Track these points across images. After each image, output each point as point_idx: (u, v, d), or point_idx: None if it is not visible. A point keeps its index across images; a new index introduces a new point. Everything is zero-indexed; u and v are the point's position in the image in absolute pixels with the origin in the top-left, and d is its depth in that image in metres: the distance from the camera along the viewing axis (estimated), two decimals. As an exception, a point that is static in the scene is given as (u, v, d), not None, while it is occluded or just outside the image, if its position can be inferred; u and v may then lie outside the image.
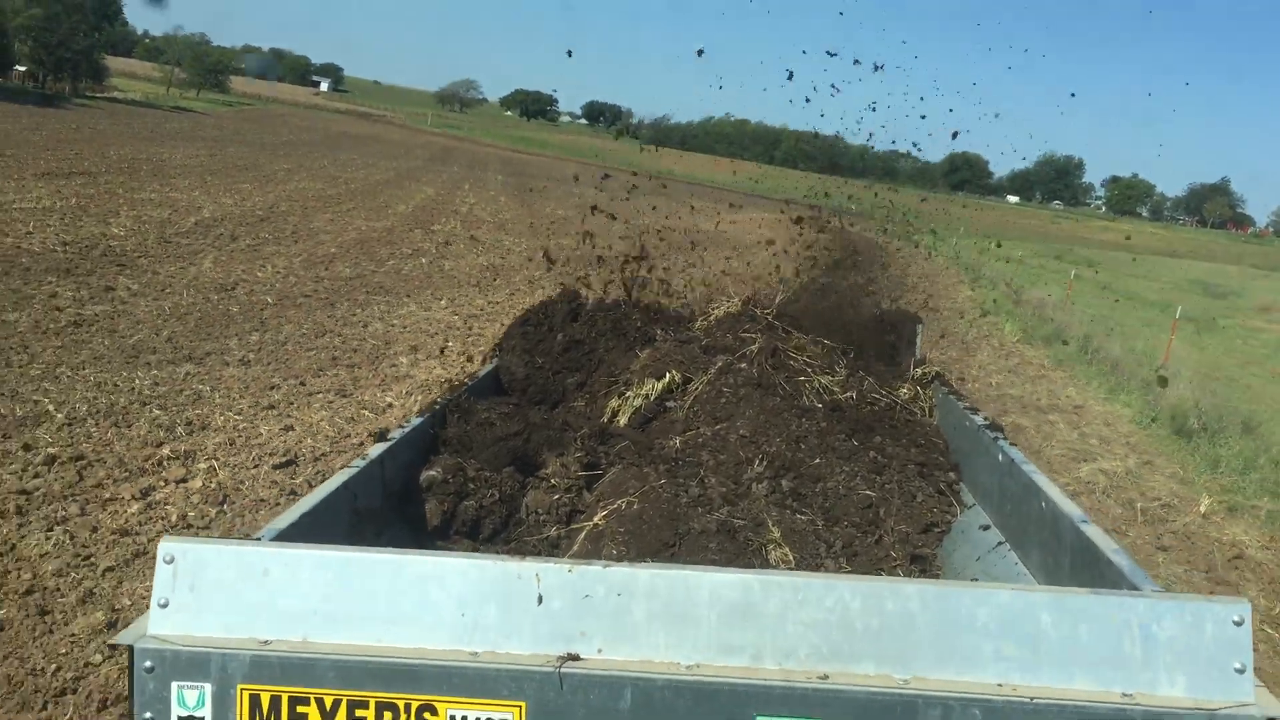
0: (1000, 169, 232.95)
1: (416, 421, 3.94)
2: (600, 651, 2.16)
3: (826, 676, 2.12)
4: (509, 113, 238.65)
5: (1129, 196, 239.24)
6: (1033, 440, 12.13)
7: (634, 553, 3.31)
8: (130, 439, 7.99)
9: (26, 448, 7.45)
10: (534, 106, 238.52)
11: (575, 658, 2.14)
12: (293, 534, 2.61)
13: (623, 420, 4.69)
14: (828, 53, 10.28)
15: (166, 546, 2.21)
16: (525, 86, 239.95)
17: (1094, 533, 2.99)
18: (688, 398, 4.67)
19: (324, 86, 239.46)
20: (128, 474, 7.35)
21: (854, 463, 4.24)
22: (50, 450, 7.46)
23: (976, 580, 3.63)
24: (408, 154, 65.43)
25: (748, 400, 4.51)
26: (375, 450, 3.49)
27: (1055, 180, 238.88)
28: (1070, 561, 3.11)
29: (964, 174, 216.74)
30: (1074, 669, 2.13)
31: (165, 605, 2.17)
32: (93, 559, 6.08)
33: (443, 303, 15.94)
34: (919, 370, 5.45)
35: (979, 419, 4.43)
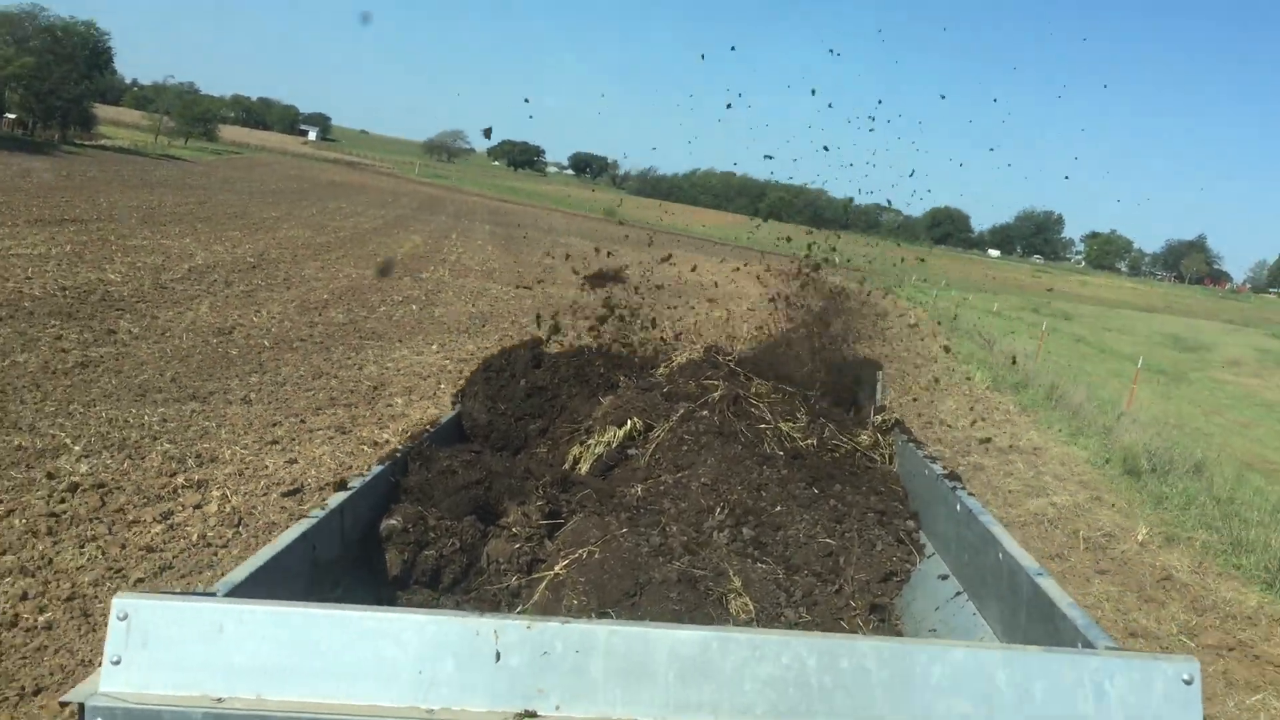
0: (981, 223, 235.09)
1: (377, 470, 3.90)
2: (558, 709, 2.16)
3: None
4: (496, 163, 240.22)
5: (1107, 252, 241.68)
6: (992, 478, 13.06)
7: (595, 603, 3.30)
8: (145, 469, 8.58)
9: (50, 476, 8.03)
10: (521, 157, 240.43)
11: (533, 715, 2.15)
12: (250, 586, 2.56)
13: (584, 468, 4.68)
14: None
15: (120, 603, 2.18)
16: (513, 138, 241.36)
17: (1049, 586, 3.01)
18: (649, 445, 4.66)
19: (312, 135, 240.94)
20: (147, 500, 7.93)
21: (814, 510, 4.24)
22: (73, 479, 8.05)
23: (935, 631, 3.68)
24: (395, 202, 65.94)
25: (709, 448, 4.51)
26: (335, 500, 3.44)
27: (1035, 235, 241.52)
28: (1026, 614, 3.12)
29: (946, 228, 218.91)
30: None
31: (118, 662, 2.15)
32: (124, 571, 6.68)
33: (434, 347, 16.41)
34: (879, 417, 5.45)
35: (937, 467, 4.43)
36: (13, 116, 77.62)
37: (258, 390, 11.74)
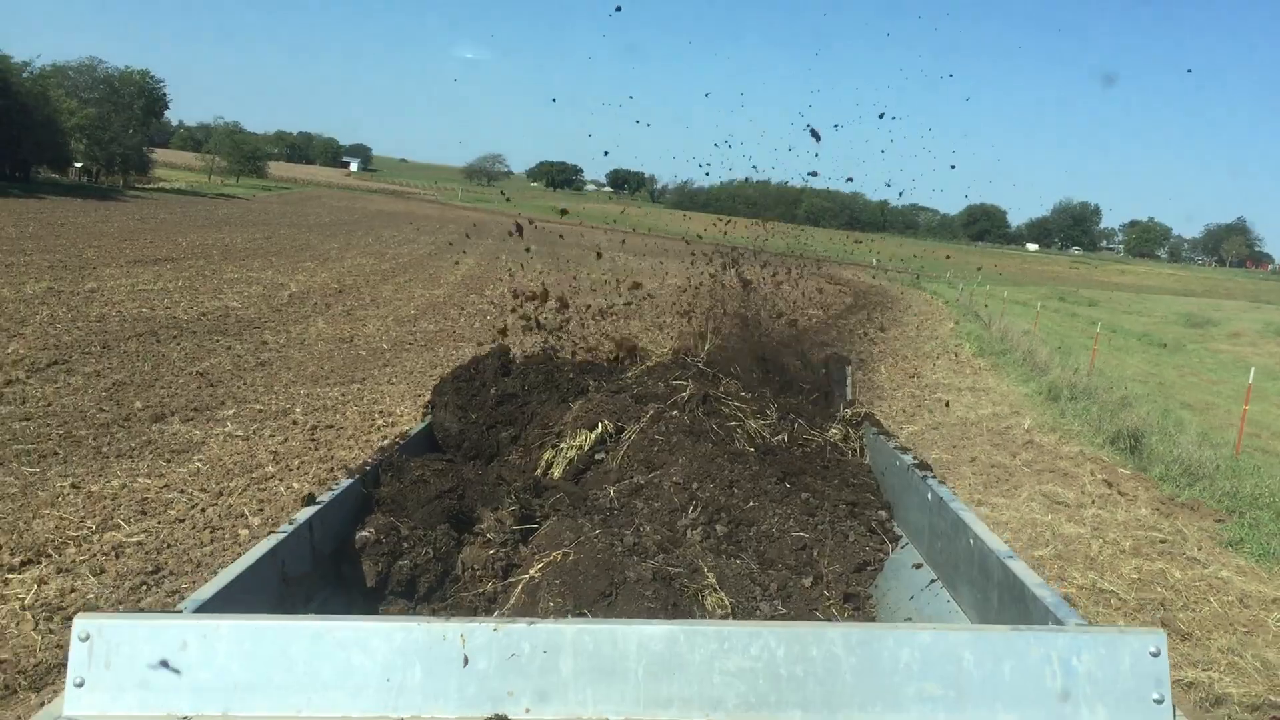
0: (1018, 217, 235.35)
1: (347, 483, 3.90)
2: (528, 711, 2.15)
3: None
4: (535, 184, 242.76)
5: (1147, 239, 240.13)
6: (945, 402, 17.58)
7: (570, 604, 3.27)
8: (349, 418, 12.14)
9: (294, 424, 11.33)
10: (560, 177, 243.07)
11: (502, 718, 2.13)
12: (216, 604, 2.54)
13: (557, 472, 4.68)
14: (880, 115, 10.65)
15: (81, 624, 2.17)
16: (550, 158, 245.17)
17: (1019, 568, 2.99)
18: (621, 447, 4.65)
19: (354, 166, 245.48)
20: (363, 431, 11.58)
21: (787, 505, 4.23)
22: (309, 424, 11.23)
23: (910, 620, 3.64)
24: (443, 228, 68.37)
25: (680, 447, 4.50)
26: (303, 514, 3.42)
27: (1073, 226, 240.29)
28: (998, 597, 3.10)
29: (983, 224, 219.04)
30: (997, 705, 2.16)
31: (81, 685, 2.14)
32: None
33: (519, 346, 19.46)
34: (849, 411, 5.45)
35: (908, 458, 4.40)
36: (79, 165, 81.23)
37: (395, 377, 14.99)
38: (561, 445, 4.79)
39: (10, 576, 6.84)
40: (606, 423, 4.78)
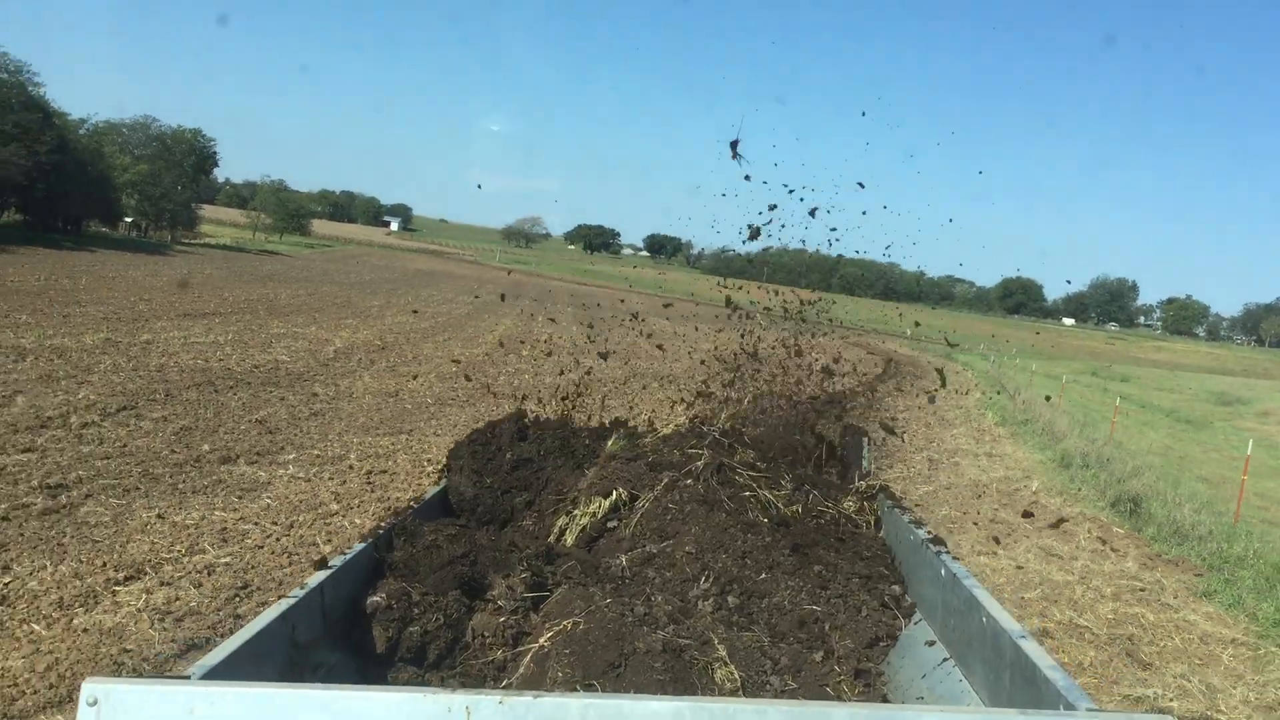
0: (1054, 292, 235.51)
1: (359, 547, 3.91)
2: None
3: None
4: (573, 246, 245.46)
5: (1184, 317, 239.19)
6: (961, 466, 18.41)
7: (579, 675, 3.25)
8: (401, 464, 12.86)
9: (350, 468, 12.14)
10: (597, 240, 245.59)
11: None
12: (225, 669, 2.55)
13: (570, 539, 4.68)
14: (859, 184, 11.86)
15: (90, 689, 2.18)
16: (588, 221, 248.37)
17: (1032, 649, 2.97)
18: (634, 515, 4.64)
19: (394, 226, 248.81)
20: (416, 478, 12.23)
21: (799, 577, 4.21)
22: (364, 469, 12.07)
23: (922, 698, 3.60)
24: (480, 288, 69.30)
25: (693, 517, 4.49)
26: (315, 579, 3.41)
27: (1110, 302, 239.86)
28: (1010, 678, 3.06)
29: (1019, 298, 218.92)
30: None
31: None
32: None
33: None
34: (864, 483, 5.44)
35: (922, 532, 4.38)
36: (129, 220, 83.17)
37: (440, 429, 15.69)
38: (575, 512, 4.82)
39: (118, 589, 7.67)
40: (620, 490, 4.80)
